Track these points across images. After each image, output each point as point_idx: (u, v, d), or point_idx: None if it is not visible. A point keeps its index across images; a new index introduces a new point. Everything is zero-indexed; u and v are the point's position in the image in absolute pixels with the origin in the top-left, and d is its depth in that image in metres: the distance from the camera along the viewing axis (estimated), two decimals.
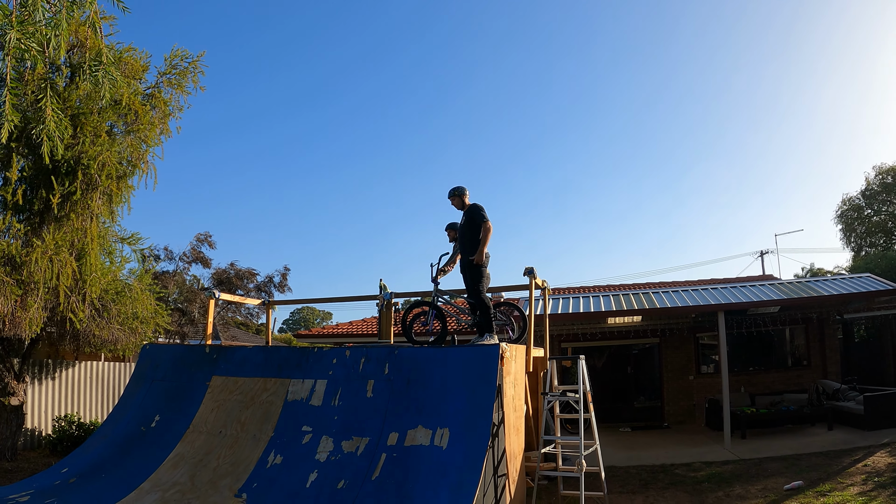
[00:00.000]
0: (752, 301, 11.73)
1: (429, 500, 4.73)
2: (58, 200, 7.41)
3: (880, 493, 7.12)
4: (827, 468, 8.47)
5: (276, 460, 5.70)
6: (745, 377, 14.21)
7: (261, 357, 6.88)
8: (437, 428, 5.30)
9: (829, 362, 14.30)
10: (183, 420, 6.82)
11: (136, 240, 9.17)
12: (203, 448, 6.31)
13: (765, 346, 14.80)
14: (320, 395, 6.08)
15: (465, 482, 4.78)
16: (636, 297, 12.82)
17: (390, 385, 5.84)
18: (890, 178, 26.47)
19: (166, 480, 6.08)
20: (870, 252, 26.70)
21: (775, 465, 8.91)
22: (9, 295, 7.18)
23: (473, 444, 5.08)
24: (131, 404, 7.55)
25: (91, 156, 7.64)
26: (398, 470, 5.09)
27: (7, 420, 8.82)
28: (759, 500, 7.16)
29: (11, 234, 7.39)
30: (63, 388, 10.75)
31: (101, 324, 8.32)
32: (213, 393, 6.89)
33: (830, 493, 7.24)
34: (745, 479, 8.15)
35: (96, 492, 6.13)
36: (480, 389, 5.43)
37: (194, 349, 7.72)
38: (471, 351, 5.89)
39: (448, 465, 4.97)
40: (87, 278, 7.98)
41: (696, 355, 14.69)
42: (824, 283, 12.82)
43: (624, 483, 8.07)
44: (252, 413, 6.36)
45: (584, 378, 6.53)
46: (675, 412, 14.30)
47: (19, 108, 8.16)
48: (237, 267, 16.09)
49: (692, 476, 8.47)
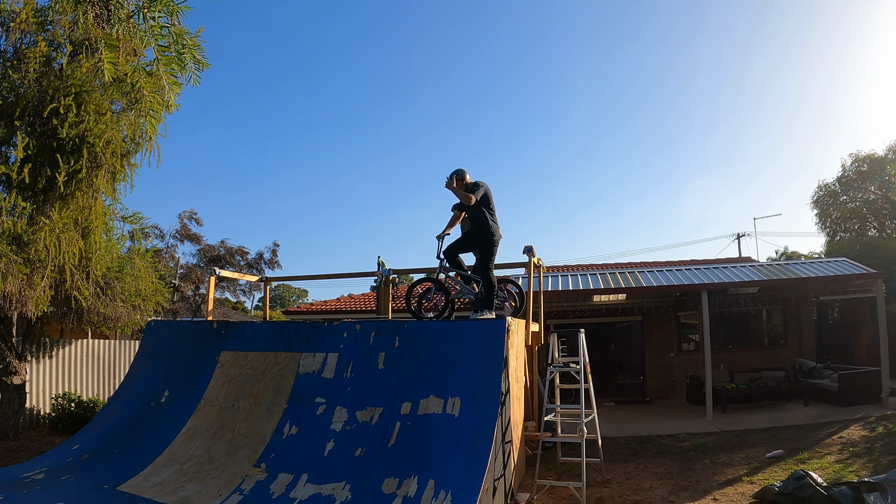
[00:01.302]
0: (735, 281, 12.18)
1: (445, 463, 5.01)
2: (63, 178, 7.44)
3: (855, 461, 7.61)
4: (805, 439, 8.95)
5: (292, 431, 5.93)
6: (725, 355, 14.74)
7: (270, 332, 7.06)
8: (448, 397, 5.57)
9: (804, 342, 14.92)
10: (193, 395, 6.97)
11: (137, 218, 9.24)
12: (216, 421, 6.49)
13: (744, 325, 15.35)
14: (332, 368, 6.30)
15: (479, 447, 5.06)
16: (622, 275, 13.21)
17: (401, 357, 6.08)
18: (865, 166, 27.15)
19: (182, 454, 6.25)
20: (844, 237, 27.49)
21: (756, 436, 9.39)
22: (16, 273, 7.23)
23: (484, 412, 5.36)
24: (138, 381, 7.68)
25: (96, 134, 7.69)
26: (413, 437, 5.35)
27: (9, 399, 8.87)
28: (744, 466, 7.59)
29: (17, 213, 7.41)
30: (60, 367, 10.79)
31: (106, 301, 8.41)
32: (222, 368, 7.06)
33: (809, 460, 7.70)
34: (729, 449, 8.60)
35: (111, 467, 6.27)
36: (489, 361, 5.71)
37: (201, 325, 7.86)
38: (479, 324, 6.15)
39: (461, 432, 5.24)
40: (91, 256, 8.06)
41: (677, 333, 15.20)
42: (802, 265, 13.34)
43: (614, 452, 8.46)
44: (264, 386, 6.55)
45: (583, 350, 6.84)
46: (656, 388, 14.81)
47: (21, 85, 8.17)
48: (227, 244, 16.15)
49: (678, 446, 8.90)
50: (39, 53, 8.33)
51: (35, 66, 8.22)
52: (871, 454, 7.95)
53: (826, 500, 5.61)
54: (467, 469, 4.92)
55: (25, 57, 8.35)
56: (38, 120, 8.24)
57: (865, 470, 7.07)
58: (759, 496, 6.17)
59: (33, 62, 8.24)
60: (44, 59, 8.41)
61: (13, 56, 8.66)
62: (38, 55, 8.32)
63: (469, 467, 4.93)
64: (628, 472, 7.48)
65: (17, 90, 8.32)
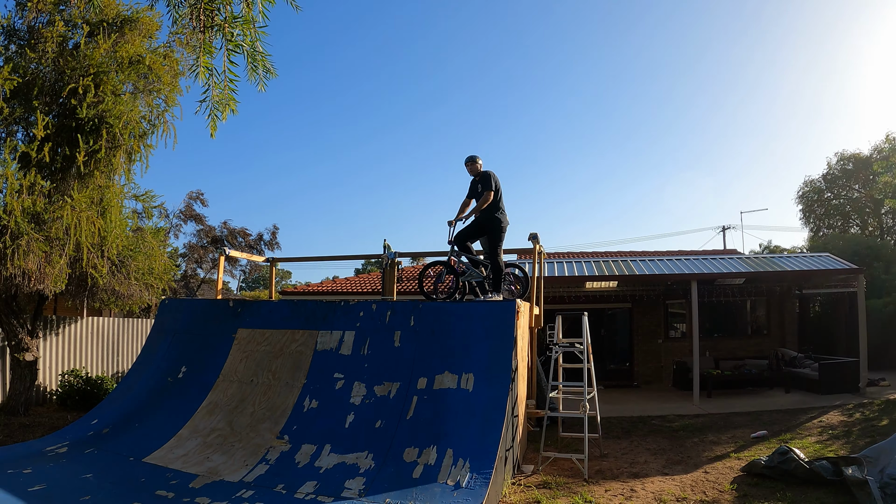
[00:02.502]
0: (723, 272, 12.65)
1: (461, 434, 5.37)
2: (83, 158, 7.62)
3: (834, 442, 8.10)
4: (787, 422, 9.45)
5: (312, 405, 6.25)
6: (711, 343, 15.29)
7: (287, 310, 7.35)
8: (462, 373, 5.93)
9: (787, 332, 15.51)
10: (211, 371, 7.25)
11: (150, 197, 9.43)
12: (236, 396, 6.78)
13: (729, 315, 15.91)
14: (349, 345, 6.62)
15: (493, 419, 5.43)
16: (615, 263, 13.64)
17: (416, 335, 6.42)
18: (850, 165, 27.75)
19: (204, 427, 6.53)
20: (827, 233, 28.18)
21: (741, 419, 9.88)
22: (37, 251, 7.42)
23: (496, 386, 5.72)
24: (154, 357, 7.93)
25: (115, 114, 7.86)
26: (430, 410, 5.70)
27: (21, 376, 9.03)
28: (730, 444, 8.06)
29: (36, 192, 7.57)
30: (65, 344, 10.95)
31: (120, 279, 8.61)
32: (239, 344, 7.34)
33: (791, 441, 8.17)
34: (716, 429, 9.07)
35: (133, 440, 6.52)
36: (500, 339, 6.07)
37: (217, 303, 8.12)
38: (491, 305, 6.50)
39: (475, 405, 5.61)
40: (106, 235, 8.25)
41: (664, 321, 15.71)
42: (787, 259, 13.84)
43: (608, 431, 8.89)
44: (282, 362, 6.85)
45: (586, 332, 7.22)
46: (644, 373, 15.33)
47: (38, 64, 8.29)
48: (230, 226, 16.35)
49: (668, 426, 9.36)
50: (56, 33, 8.45)
51: (52, 46, 8.34)
52: (848, 437, 8.44)
53: (808, 472, 6.07)
54: (482, 439, 5.29)
55: (42, 37, 8.47)
56: (55, 99, 8.39)
57: (843, 450, 7.54)
58: (746, 469, 6.62)
59: (50, 42, 8.36)
60: (60, 39, 8.53)
61: (28, 35, 8.77)
62: (55, 35, 8.44)
63: (484, 437, 5.30)
64: (623, 448, 7.91)
65: (34, 70, 8.44)
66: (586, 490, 6.01)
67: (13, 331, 8.90)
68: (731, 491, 6.03)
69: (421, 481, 5.00)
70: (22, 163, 7.93)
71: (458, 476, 4.97)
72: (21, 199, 7.38)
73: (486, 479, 4.90)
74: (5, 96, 7.73)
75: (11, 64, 7.82)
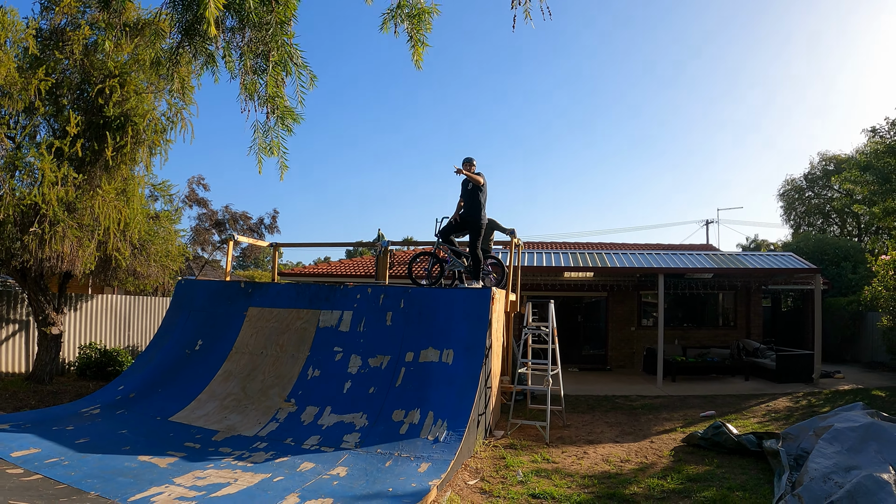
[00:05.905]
0: (689, 267, 13.72)
1: (441, 399, 6.42)
2: (111, 153, 8.53)
3: (773, 423, 9.18)
4: (737, 405, 10.55)
5: (315, 373, 7.27)
6: (680, 332, 16.43)
7: (293, 291, 8.35)
8: (443, 349, 6.97)
9: (752, 325, 16.64)
10: (225, 343, 8.25)
11: (166, 187, 10.36)
12: (248, 365, 7.79)
13: (698, 306, 17.05)
14: (347, 323, 7.64)
15: (467, 388, 6.49)
16: (591, 255, 14.71)
17: (405, 316, 7.45)
18: (832, 166, 28.59)
19: (220, 391, 7.54)
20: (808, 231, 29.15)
21: (696, 401, 10.99)
22: (70, 237, 8.35)
23: (472, 361, 6.77)
24: (172, 332, 8.90)
25: (139, 113, 8.76)
26: (416, 379, 6.75)
27: (48, 347, 9.96)
28: (680, 421, 9.16)
29: (69, 183, 8.47)
30: (83, 319, 11.90)
31: (141, 261, 9.57)
32: (250, 321, 8.34)
33: (735, 420, 9.26)
34: (671, 409, 10.17)
35: (158, 403, 7.52)
36: (477, 321, 7.11)
37: (229, 284, 9.10)
38: (469, 292, 7.54)
39: (454, 376, 6.66)
40: (129, 221, 9.18)
41: (638, 310, 16.83)
42: (753, 257, 14.91)
43: (574, 406, 9.98)
44: (289, 337, 7.86)
45: (552, 317, 8.27)
46: (617, 358, 16.48)
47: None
48: (231, 210, 17.26)
49: (629, 405, 10.47)
50: (83, 36, 9.29)
51: (78, 48, 9.18)
52: (788, 419, 9.52)
53: (736, 444, 7.16)
54: (458, 404, 6.34)
55: (69, 39, 9.30)
56: (82, 97, 9.26)
57: (779, 430, 8.63)
58: (686, 440, 7.71)
59: (77, 44, 9.21)
60: (84, 42, 9.37)
61: (54, 37, 9.58)
62: (82, 37, 9.28)
63: (460, 402, 6.36)
64: (585, 421, 9.00)
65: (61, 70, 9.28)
66: (546, 451, 7.08)
67: (41, 307, 9.83)
68: (668, 457, 7.10)
69: (406, 436, 6.05)
70: (55, 156, 8.83)
71: (437, 433, 6.02)
72: (56, 190, 8.29)
73: (459, 435, 5.95)
74: (40, 96, 8.59)
75: (45, 66, 8.67)
